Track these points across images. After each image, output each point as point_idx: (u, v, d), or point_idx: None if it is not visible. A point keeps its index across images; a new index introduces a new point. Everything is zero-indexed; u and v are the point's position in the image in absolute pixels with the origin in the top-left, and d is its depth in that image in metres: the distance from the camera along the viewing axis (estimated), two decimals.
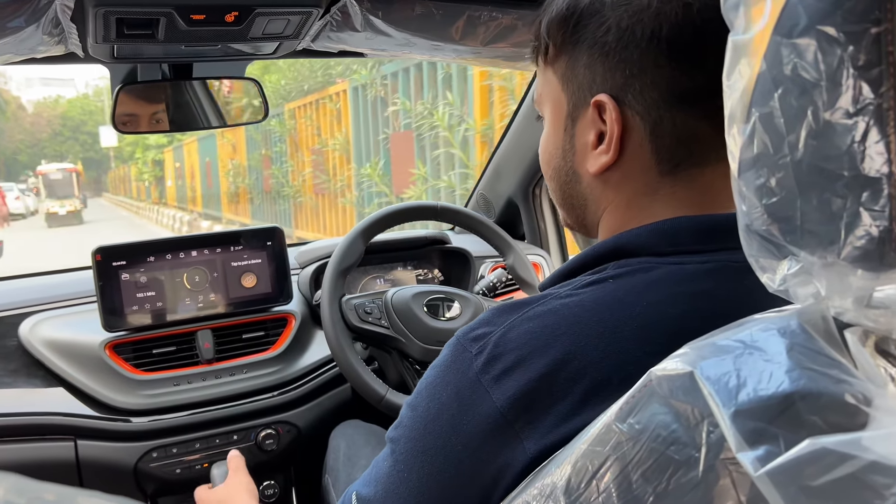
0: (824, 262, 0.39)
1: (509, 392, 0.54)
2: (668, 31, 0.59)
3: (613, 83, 0.62)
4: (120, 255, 1.42)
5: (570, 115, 0.66)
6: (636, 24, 0.60)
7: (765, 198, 0.41)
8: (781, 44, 0.39)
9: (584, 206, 0.69)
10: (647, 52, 0.60)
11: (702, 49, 0.59)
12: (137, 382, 1.39)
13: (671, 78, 0.60)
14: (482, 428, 0.55)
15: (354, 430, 1.37)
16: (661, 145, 0.62)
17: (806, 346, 0.39)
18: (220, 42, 0.99)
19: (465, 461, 0.56)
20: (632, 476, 0.43)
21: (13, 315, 1.46)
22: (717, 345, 0.42)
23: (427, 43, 1.11)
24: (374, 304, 1.31)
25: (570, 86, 0.65)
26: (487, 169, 1.98)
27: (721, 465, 0.38)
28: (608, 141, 0.63)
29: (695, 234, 0.61)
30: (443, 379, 0.59)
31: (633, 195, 0.65)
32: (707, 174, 0.63)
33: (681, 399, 0.41)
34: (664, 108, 0.61)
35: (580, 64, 0.64)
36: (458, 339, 0.60)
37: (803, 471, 0.33)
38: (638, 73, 0.60)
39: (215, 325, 1.48)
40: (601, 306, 0.57)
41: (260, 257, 1.53)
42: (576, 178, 0.68)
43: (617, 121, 0.62)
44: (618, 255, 0.62)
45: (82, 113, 49.22)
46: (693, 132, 0.61)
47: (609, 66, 0.62)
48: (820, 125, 0.37)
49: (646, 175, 0.63)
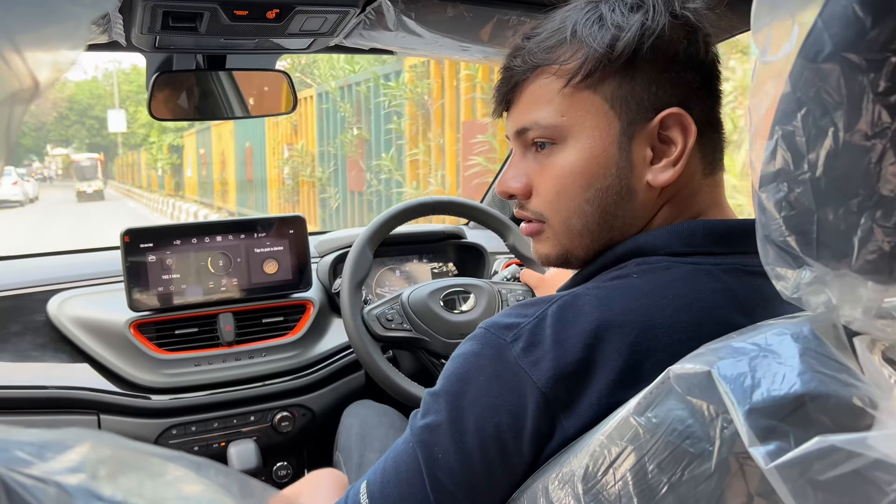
0: (837, 273, 0.41)
1: (548, 374, 0.57)
2: (712, 57, 0.69)
3: (676, 98, 0.66)
4: (147, 237, 1.45)
5: (623, 133, 0.66)
6: (678, 43, 0.65)
7: (783, 210, 0.43)
8: (806, 67, 0.41)
9: (626, 224, 0.69)
10: (699, 72, 0.67)
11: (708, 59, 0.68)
12: (160, 361, 1.42)
13: (701, 87, 0.67)
14: (524, 408, 0.58)
15: (367, 410, 1.39)
16: (706, 152, 0.69)
17: (817, 351, 0.41)
18: (257, 36, 1.01)
19: (508, 440, 0.58)
20: (647, 467, 0.45)
21: (43, 291, 1.50)
22: (733, 347, 0.44)
23: (456, 44, 1.14)
24: (394, 310, 1.33)
25: (625, 104, 0.66)
26: (504, 167, 2.00)
27: (733, 458, 0.41)
28: (680, 153, 0.65)
29: (709, 236, 0.65)
30: (475, 365, 0.61)
31: (686, 201, 0.69)
32: (718, 178, 0.71)
33: (697, 396, 0.43)
34: (703, 115, 0.68)
35: (635, 83, 0.65)
36: (486, 330, 0.62)
37: (812, 465, 0.35)
38: (697, 88, 0.67)
39: (236, 308, 1.51)
40: (630, 298, 0.60)
41: (282, 245, 1.56)
42: (630, 195, 0.67)
43: (692, 133, 0.65)
44: (636, 254, 0.66)
45: (90, 97, 47.33)
46: (719, 134, 0.70)
47: (670, 83, 0.65)
48: (839, 146, 0.39)
49: (691, 180, 0.68)
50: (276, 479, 1.57)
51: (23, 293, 1.50)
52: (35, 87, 0.24)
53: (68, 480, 0.24)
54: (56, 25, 0.24)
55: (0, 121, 0.24)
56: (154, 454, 0.28)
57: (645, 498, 0.45)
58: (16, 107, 0.24)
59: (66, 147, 50.50)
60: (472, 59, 1.32)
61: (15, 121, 0.24)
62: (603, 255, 0.69)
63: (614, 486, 0.47)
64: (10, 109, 0.24)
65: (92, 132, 47.95)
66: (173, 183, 25.28)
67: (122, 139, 42.71)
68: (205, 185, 19.17)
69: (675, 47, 0.65)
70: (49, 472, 0.24)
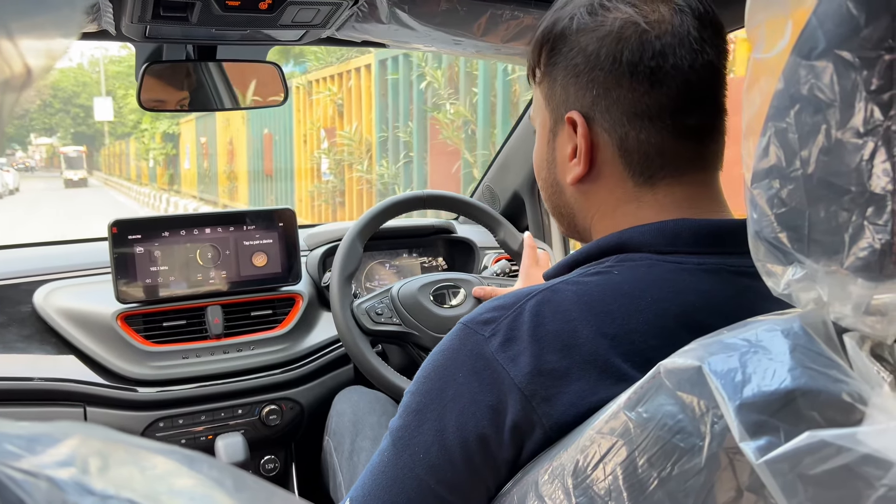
0: (827, 270, 0.42)
1: (526, 370, 0.57)
2: (628, 54, 0.64)
3: (583, 102, 0.67)
4: (135, 228, 1.44)
5: (551, 131, 0.72)
6: (601, 48, 0.65)
7: (775, 207, 0.44)
8: (800, 64, 0.41)
9: (572, 214, 0.74)
10: (610, 73, 0.65)
11: (660, 70, 0.64)
12: (147, 354, 1.42)
13: (633, 97, 0.65)
14: (504, 404, 0.57)
15: (360, 397, 1.38)
16: (630, 159, 0.67)
17: (807, 347, 0.41)
18: (249, 27, 1.01)
19: (490, 436, 0.58)
20: (637, 461, 0.45)
21: (29, 282, 1.49)
22: (724, 342, 0.44)
23: (449, 38, 1.13)
24: (384, 304, 1.33)
25: (551, 104, 0.71)
26: (495, 161, 2.00)
27: (724, 453, 0.41)
28: (579, 154, 0.68)
29: (694, 236, 0.64)
30: (453, 362, 0.61)
31: (616, 203, 0.69)
32: (685, 183, 0.67)
33: (688, 391, 0.43)
34: (628, 124, 0.66)
35: (557, 84, 0.70)
36: (464, 325, 0.62)
37: (801, 460, 0.36)
38: (604, 92, 0.66)
39: (225, 301, 1.51)
40: (608, 295, 0.60)
41: (271, 237, 1.55)
42: (559, 188, 0.73)
43: (584, 136, 0.67)
44: (620, 249, 0.66)
45: (75, 84, 44.17)
46: (659, 146, 0.66)
47: (580, 87, 0.67)
48: (831, 143, 0.40)
49: (623, 185, 0.68)
50: (264, 472, 1.57)
51: (8, 284, 1.49)
52: (27, 76, 0.23)
53: (59, 474, 0.23)
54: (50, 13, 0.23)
55: None
56: (145, 447, 0.27)
57: (635, 493, 0.45)
58: (6, 95, 0.24)
59: (51, 136, 49.35)
60: (465, 53, 1.32)
61: (5, 109, 0.24)
62: (588, 246, 0.69)
63: (604, 480, 0.47)
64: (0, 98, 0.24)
65: (77, 121, 46.31)
66: (167, 175, 22.78)
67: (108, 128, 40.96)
68: (206, 179, 17.04)
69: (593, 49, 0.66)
70: (39, 466, 0.23)
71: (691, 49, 0.64)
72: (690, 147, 0.66)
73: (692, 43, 0.64)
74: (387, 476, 0.62)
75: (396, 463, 0.62)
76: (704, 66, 0.65)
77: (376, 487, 0.63)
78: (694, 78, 0.64)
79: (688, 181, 0.67)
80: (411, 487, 0.61)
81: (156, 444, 0.27)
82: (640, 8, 0.65)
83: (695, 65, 0.64)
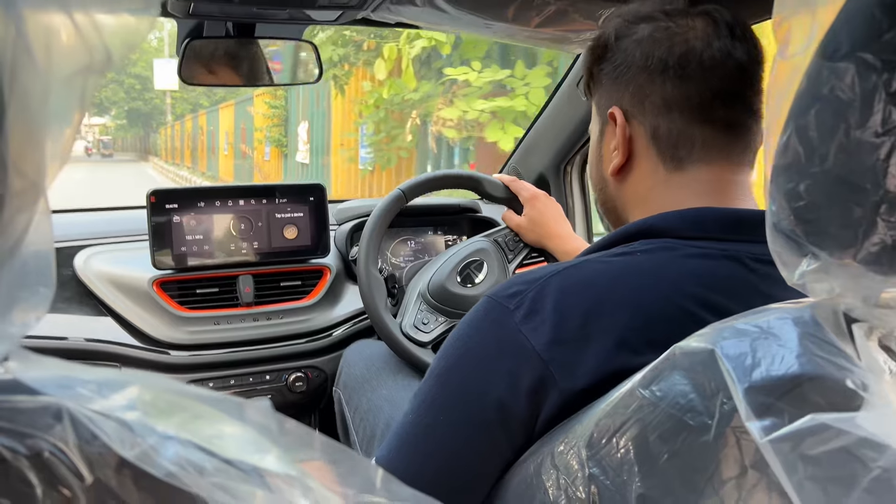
0: (840, 263, 0.43)
1: (546, 338, 0.60)
2: (659, 53, 0.71)
3: (623, 99, 0.75)
4: (173, 198, 1.47)
5: (601, 132, 0.79)
6: (636, 51, 0.73)
7: (793, 201, 0.45)
8: (823, 65, 0.42)
9: (615, 206, 0.79)
10: (644, 71, 0.72)
11: (687, 68, 0.70)
12: (181, 319, 1.46)
13: (663, 92, 0.71)
14: (523, 371, 0.60)
15: (372, 350, 1.40)
16: (661, 146, 0.72)
17: (816, 335, 0.43)
18: (288, 6, 1.02)
19: (509, 401, 0.61)
20: (649, 437, 0.47)
21: (70, 247, 1.53)
22: (736, 328, 0.46)
23: (480, 21, 1.14)
24: (423, 311, 1.33)
25: (600, 109, 0.79)
26: (522, 142, 2.01)
27: (730, 432, 0.43)
28: (617, 144, 0.75)
29: (717, 223, 0.67)
30: (478, 331, 0.64)
31: (649, 189, 0.74)
32: (715, 171, 0.71)
33: (700, 372, 0.45)
34: (659, 116, 0.72)
35: (603, 89, 0.77)
36: (490, 298, 0.65)
37: (803, 441, 0.37)
38: (638, 88, 0.73)
39: (256, 271, 1.54)
40: (630, 274, 0.63)
41: (302, 211, 1.58)
42: (605, 183, 0.79)
43: (622, 127, 0.74)
44: (646, 234, 0.68)
45: None
46: (687, 135, 0.71)
47: (619, 86, 0.75)
48: (850, 141, 0.41)
49: (655, 172, 0.73)
50: None
51: None
52: (108, 59, 0.26)
53: (127, 416, 0.26)
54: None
55: (74, 91, 0.26)
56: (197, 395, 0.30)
57: (646, 466, 0.47)
58: (89, 79, 0.26)
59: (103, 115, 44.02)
60: (495, 37, 1.32)
61: (88, 93, 0.26)
62: (615, 231, 0.72)
63: (617, 453, 0.49)
64: (83, 80, 0.26)
65: (131, 94, 37.75)
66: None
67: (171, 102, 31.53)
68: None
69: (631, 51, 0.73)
70: (109, 409, 0.26)
71: (719, 50, 0.70)
72: (718, 138, 0.71)
73: (720, 45, 0.70)
74: (411, 439, 0.66)
75: (421, 425, 0.65)
76: (733, 66, 0.70)
77: (401, 451, 0.66)
78: (720, 75, 0.69)
79: (717, 168, 0.71)
80: (435, 450, 0.64)
81: (206, 392, 0.30)
82: (673, 17, 0.72)
83: (724, 63, 0.69)
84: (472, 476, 0.63)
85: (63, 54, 0.26)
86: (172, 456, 0.26)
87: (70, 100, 0.27)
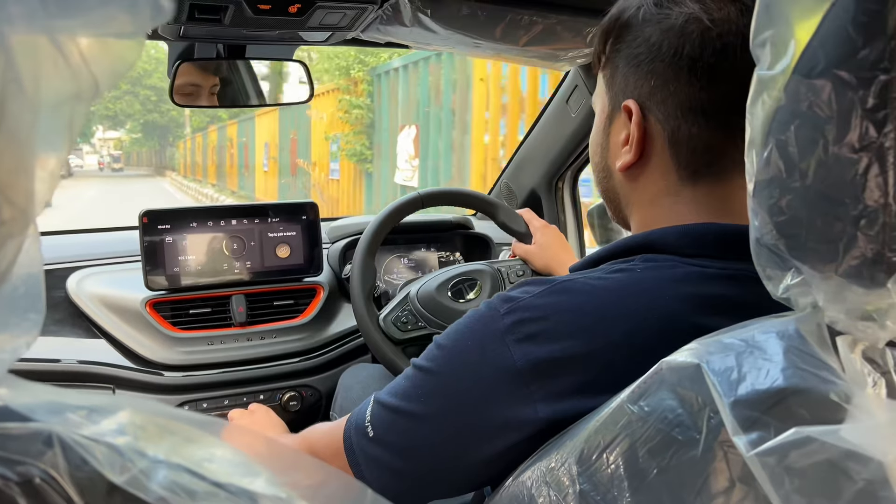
0: (823, 277, 0.43)
1: (530, 356, 0.59)
2: (689, 49, 0.64)
3: (641, 91, 0.68)
4: (165, 219, 1.48)
5: (608, 117, 0.74)
6: (663, 41, 0.66)
7: (775, 216, 0.46)
8: (801, 82, 0.43)
9: (617, 199, 0.76)
10: (670, 66, 0.66)
11: (719, 69, 0.64)
12: (174, 339, 1.46)
13: (689, 92, 0.65)
14: (497, 380, 0.60)
15: (368, 373, 1.40)
16: (679, 152, 0.67)
17: (801, 348, 0.43)
18: (278, 29, 1.04)
19: (479, 407, 0.61)
20: (638, 452, 0.48)
21: (62, 268, 1.53)
22: (722, 342, 0.46)
23: (469, 41, 1.16)
24: (406, 311, 1.34)
25: (610, 90, 0.73)
26: (513, 159, 2.02)
27: (718, 446, 0.43)
28: (630, 141, 0.69)
29: (719, 241, 0.65)
30: (470, 328, 0.64)
31: (656, 195, 0.70)
32: (727, 185, 0.68)
33: (687, 387, 0.46)
34: (682, 118, 0.66)
35: (618, 71, 0.71)
36: (493, 298, 0.65)
37: (788, 454, 0.38)
38: (661, 84, 0.67)
39: (249, 290, 1.54)
40: (627, 294, 0.62)
41: (294, 230, 1.58)
42: (609, 173, 0.75)
43: (637, 125, 0.68)
44: (646, 249, 0.67)
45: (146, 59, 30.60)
46: (709, 143, 0.66)
47: (639, 76, 0.68)
48: (829, 157, 0.41)
49: (667, 178, 0.69)
50: None
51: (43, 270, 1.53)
52: (96, 87, 0.26)
53: (117, 441, 0.26)
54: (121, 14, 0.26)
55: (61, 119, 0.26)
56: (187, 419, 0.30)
57: (635, 481, 0.48)
58: (77, 107, 0.26)
59: (118, 129, 40.89)
60: (485, 56, 1.34)
61: (77, 121, 0.26)
62: (615, 243, 0.71)
63: (607, 468, 0.49)
64: (71, 109, 0.26)
65: (147, 106, 35.01)
66: None
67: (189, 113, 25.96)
68: None
69: (656, 40, 0.66)
70: (99, 434, 0.26)
71: None
72: (738, 148, 0.63)
73: None
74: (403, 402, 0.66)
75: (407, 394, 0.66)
76: None
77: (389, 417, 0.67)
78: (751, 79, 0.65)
79: (728, 184, 0.67)
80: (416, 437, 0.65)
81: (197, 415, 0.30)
82: (707, 5, 0.65)
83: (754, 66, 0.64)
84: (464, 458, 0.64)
85: (51, 83, 0.26)
86: (163, 480, 0.26)
87: (58, 128, 0.27)
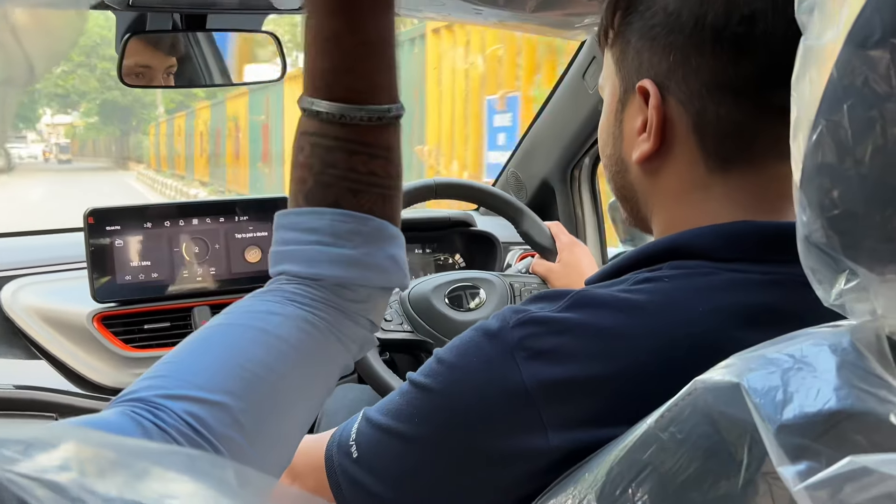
0: (883, 280, 0.44)
1: (540, 376, 0.60)
2: (712, 17, 0.63)
3: (658, 69, 0.67)
4: (114, 218, 1.47)
5: (620, 101, 0.73)
6: (682, 8, 0.65)
7: (826, 209, 0.46)
8: (854, 54, 0.43)
9: (635, 198, 0.75)
10: (691, 38, 0.65)
11: (748, 38, 0.63)
12: (126, 360, 1.45)
13: (715, 66, 0.64)
14: (503, 401, 0.61)
15: (355, 395, 1.40)
16: (705, 137, 0.67)
17: (856, 364, 0.43)
18: None
19: (481, 432, 0.62)
20: (669, 486, 0.48)
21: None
22: (766, 357, 0.46)
23: (469, 6, 1.16)
24: (392, 308, 1.34)
25: (622, 70, 0.72)
26: (521, 144, 2.02)
27: (761, 478, 0.43)
28: (649, 128, 0.68)
29: (759, 241, 0.64)
30: (476, 342, 0.64)
31: (682, 190, 0.69)
32: (762, 174, 0.67)
33: (725, 411, 0.46)
34: (707, 96, 0.65)
35: (630, 48, 0.70)
36: (503, 311, 0.65)
37: (842, 488, 0.38)
38: (682, 59, 0.66)
39: (214, 301, 1.54)
40: (655, 308, 0.61)
41: (266, 230, 1.58)
42: (624, 167, 0.74)
43: (656, 108, 0.67)
44: (674, 255, 0.66)
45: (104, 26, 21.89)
46: (739, 125, 0.66)
47: (655, 51, 0.67)
48: (888, 140, 0.42)
49: (693, 169, 0.68)
50: None
51: None
52: (31, 71, 0.26)
53: (60, 478, 0.26)
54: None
55: None
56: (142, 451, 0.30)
57: None
58: (9, 91, 0.27)
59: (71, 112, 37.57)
60: (486, 23, 1.34)
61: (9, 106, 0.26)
62: (637, 250, 0.70)
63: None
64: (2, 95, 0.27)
65: (105, 83, 30.08)
66: None
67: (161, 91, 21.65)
68: None
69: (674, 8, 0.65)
70: (39, 471, 0.27)
71: (785, 16, 0.62)
72: (773, 131, 0.64)
73: (786, 9, 0.61)
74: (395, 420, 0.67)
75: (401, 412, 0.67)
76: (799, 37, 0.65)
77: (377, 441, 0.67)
78: (785, 49, 0.60)
79: (765, 172, 0.67)
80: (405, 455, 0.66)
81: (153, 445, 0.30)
82: None
83: (788, 34, 0.59)
84: None
85: None
86: None
87: None
